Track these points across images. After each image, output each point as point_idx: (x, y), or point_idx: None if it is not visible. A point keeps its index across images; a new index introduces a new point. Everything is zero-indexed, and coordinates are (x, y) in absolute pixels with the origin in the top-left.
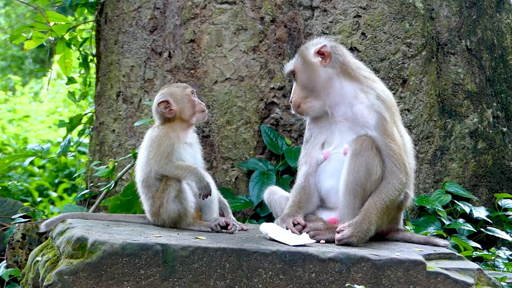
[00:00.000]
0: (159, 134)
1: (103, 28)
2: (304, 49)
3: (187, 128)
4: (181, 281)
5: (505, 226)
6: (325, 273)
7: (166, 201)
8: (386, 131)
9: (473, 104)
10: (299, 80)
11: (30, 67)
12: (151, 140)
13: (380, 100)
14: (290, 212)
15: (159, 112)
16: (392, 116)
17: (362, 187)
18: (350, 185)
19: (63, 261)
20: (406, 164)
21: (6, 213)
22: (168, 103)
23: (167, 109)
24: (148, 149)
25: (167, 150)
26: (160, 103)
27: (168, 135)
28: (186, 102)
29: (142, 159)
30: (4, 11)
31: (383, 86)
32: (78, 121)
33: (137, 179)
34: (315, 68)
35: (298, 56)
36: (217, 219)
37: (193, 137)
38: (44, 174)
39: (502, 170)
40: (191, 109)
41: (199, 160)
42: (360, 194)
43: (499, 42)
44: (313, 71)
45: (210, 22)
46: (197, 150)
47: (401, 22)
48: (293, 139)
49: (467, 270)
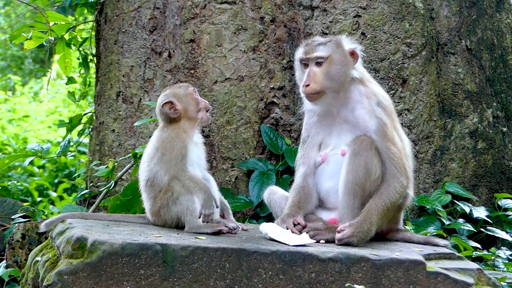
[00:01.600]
0: (170, 135)
1: (103, 28)
2: (342, 42)
3: (194, 127)
4: (181, 281)
5: (505, 226)
6: (325, 273)
7: (171, 203)
8: (387, 135)
9: (473, 104)
10: (327, 68)
11: (30, 67)
12: (162, 141)
13: (381, 107)
14: (290, 212)
15: (163, 113)
16: (392, 121)
17: (361, 187)
18: (350, 185)
19: (63, 261)
20: (407, 167)
21: (6, 213)
22: (172, 103)
23: (172, 109)
24: (161, 151)
25: (181, 152)
26: (164, 105)
27: (179, 136)
28: (190, 100)
29: (149, 159)
30: (4, 11)
31: (382, 90)
32: (78, 121)
33: (141, 177)
34: (348, 65)
35: (335, 46)
36: (220, 221)
37: (199, 137)
38: (44, 174)
39: (502, 170)
40: (195, 106)
41: (202, 160)
42: (360, 194)
43: (499, 42)
44: (346, 66)
45: (210, 22)
46: (201, 150)
47: (401, 22)
48: (293, 139)
49: (467, 270)
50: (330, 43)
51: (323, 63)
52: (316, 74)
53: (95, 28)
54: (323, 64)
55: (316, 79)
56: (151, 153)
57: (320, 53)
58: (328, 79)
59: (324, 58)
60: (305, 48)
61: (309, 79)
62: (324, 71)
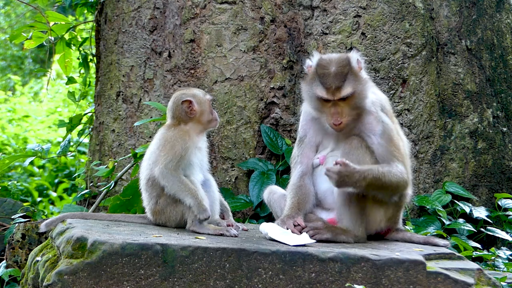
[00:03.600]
0: (175, 135)
1: (103, 28)
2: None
3: (200, 132)
4: (181, 281)
5: (505, 226)
6: (325, 273)
7: (172, 202)
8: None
9: (473, 104)
10: (353, 102)
11: (30, 67)
12: (165, 140)
13: (384, 112)
14: (290, 213)
15: (180, 110)
16: (394, 124)
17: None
18: None
19: (63, 261)
20: (408, 168)
21: (6, 213)
22: (191, 103)
23: (189, 109)
24: (160, 148)
25: (180, 153)
26: (184, 102)
27: (183, 138)
28: (207, 107)
29: (151, 157)
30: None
31: (381, 93)
32: (78, 121)
33: (142, 176)
34: (367, 85)
35: (352, 76)
36: (220, 222)
37: (204, 141)
38: (44, 174)
39: (502, 170)
40: (209, 114)
41: (205, 164)
42: (353, 193)
43: (499, 42)
44: (365, 88)
45: (210, 22)
46: (204, 154)
47: (401, 22)
48: (293, 139)
49: (467, 270)
50: (349, 77)
51: (347, 98)
52: (344, 109)
53: (95, 28)
54: (347, 99)
55: (344, 113)
56: (153, 152)
57: (346, 92)
58: (355, 109)
59: (350, 94)
60: (327, 87)
61: (339, 117)
62: (351, 104)
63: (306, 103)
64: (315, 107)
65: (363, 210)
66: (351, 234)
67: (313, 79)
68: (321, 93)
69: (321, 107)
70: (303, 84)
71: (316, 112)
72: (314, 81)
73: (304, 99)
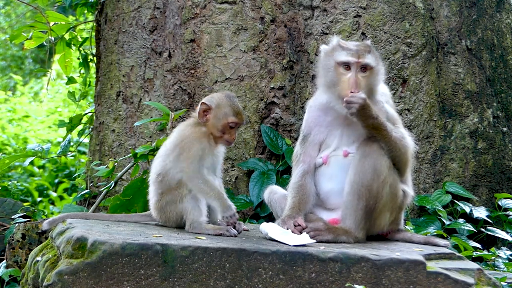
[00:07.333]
0: (192, 135)
1: (103, 28)
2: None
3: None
4: (181, 281)
5: (505, 226)
6: (325, 273)
7: (178, 200)
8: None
9: (473, 104)
10: (371, 77)
11: (30, 67)
12: (182, 140)
13: (389, 104)
14: (290, 214)
15: (199, 107)
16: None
17: (367, 189)
18: (356, 186)
19: (63, 261)
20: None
21: (6, 213)
22: (209, 110)
23: (205, 113)
24: (179, 149)
25: (198, 153)
26: (203, 104)
27: (200, 139)
28: (219, 126)
29: (166, 155)
30: (4, 11)
31: (387, 89)
32: (78, 121)
33: (153, 170)
34: (382, 71)
35: (376, 56)
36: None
37: (221, 150)
38: (44, 174)
39: (502, 170)
40: (219, 133)
41: (218, 170)
42: (365, 196)
43: (499, 42)
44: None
45: (210, 22)
46: (218, 161)
47: (401, 22)
48: (293, 139)
49: (467, 270)
50: (372, 52)
51: (367, 71)
52: (362, 82)
53: (95, 28)
54: (367, 71)
55: (362, 85)
56: (169, 148)
57: (369, 60)
58: (370, 87)
59: (372, 67)
60: (352, 52)
61: (357, 86)
62: (369, 79)
63: (321, 78)
64: (332, 78)
65: (371, 214)
66: (352, 235)
67: (334, 50)
68: (345, 58)
69: (339, 77)
70: (319, 59)
71: (330, 87)
72: (336, 51)
73: (319, 74)
